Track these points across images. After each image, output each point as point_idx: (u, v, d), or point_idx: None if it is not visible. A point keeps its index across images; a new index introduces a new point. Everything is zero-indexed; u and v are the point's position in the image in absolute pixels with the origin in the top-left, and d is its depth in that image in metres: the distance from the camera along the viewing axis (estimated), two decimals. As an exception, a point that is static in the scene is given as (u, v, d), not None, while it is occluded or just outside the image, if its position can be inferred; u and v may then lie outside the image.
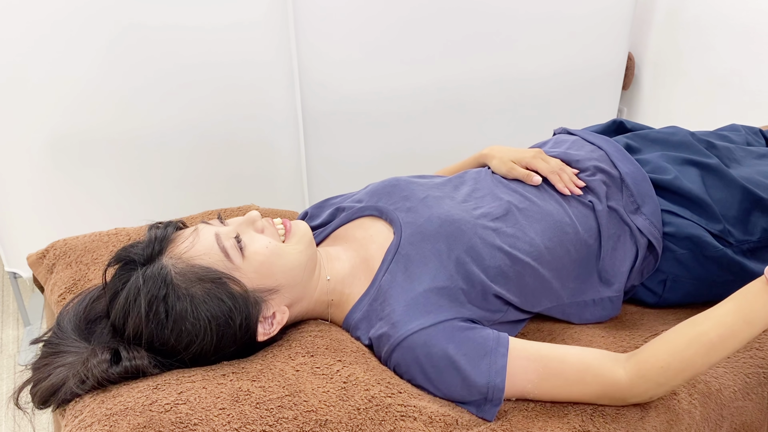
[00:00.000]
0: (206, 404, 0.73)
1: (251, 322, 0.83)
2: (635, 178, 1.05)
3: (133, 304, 0.78)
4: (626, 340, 0.97)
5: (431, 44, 1.97)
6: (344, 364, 0.83)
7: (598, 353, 0.83)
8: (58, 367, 0.78)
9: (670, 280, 1.04)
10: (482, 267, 0.90)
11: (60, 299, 1.01)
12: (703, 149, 1.11)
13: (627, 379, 0.80)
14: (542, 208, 0.99)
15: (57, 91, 1.62)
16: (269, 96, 1.83)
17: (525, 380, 0.81)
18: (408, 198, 0.99)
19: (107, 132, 1.71)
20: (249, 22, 1.72)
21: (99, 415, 0.72)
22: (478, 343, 0.82)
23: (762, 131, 1.31)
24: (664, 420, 0.83)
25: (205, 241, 0.82)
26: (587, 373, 0.81)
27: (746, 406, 0.90)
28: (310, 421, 0.73)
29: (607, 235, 1.00)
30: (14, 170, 1.69)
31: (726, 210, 1.04)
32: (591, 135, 1.16)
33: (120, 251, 0.83)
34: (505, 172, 1.06)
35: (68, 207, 1.77)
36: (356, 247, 0.97)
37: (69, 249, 1.10)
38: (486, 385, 0.80)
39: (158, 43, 1.66)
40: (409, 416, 0.77)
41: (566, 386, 0.81)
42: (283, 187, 2.00)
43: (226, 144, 1.86)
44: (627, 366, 0.81)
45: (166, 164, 1.82)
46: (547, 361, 0.82)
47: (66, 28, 1.56)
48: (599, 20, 2.16)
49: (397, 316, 0.85)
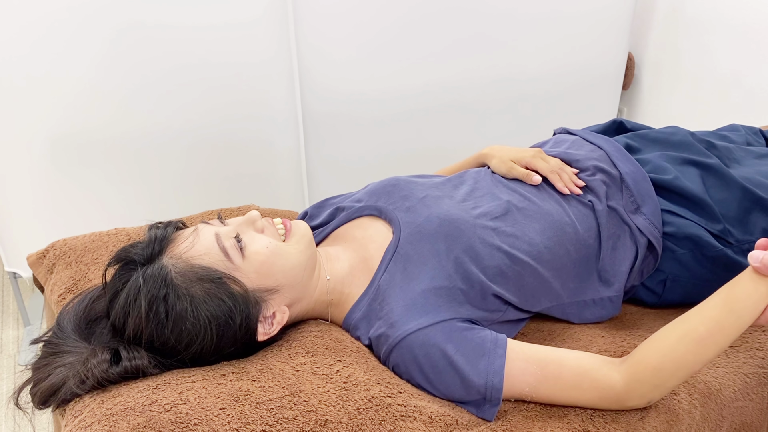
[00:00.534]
0: (206, 404, 0.73)
1: (251, 321, 0.83)
2: (635, 177, 1.05)
3: (133, 304, 0.78)
4: (626, 340, 0.97)
5: (431, 44, 1.97)
6: (344, 364, 0.83)
7: (596, 358, 0.83)
8: (58, 367, 0.78)
9: (670, 280, 1.04)
10: (481, 267, 0.90)
11: (60, 299, 1.01)
12: (703, 149, 1.11)
13: (623, 384, 0.80)
14: (542, 207, 0.99)
15: (57, 90, 1.62)
16: (269, 96, 1.83)
17: (523, 382, 0.81)
18: (407, 197, 0.99)
19: (107, 132, 1.71)
20: (249, 21, 1.72)
21: (99, 415, 0.72)
22: (476, 344, 0.82)
23: (762, 131, 1.31)
24: (664, 420, 0.83)
25: (205, 240, 0.82)
26: (584, 378, 0.81)
27: (746, 406, 0.90)
28: (310, 421, 0.73)
29: (606, 234, 1.00)
30: (14, 170, 1.69)
31: (726, 210, 1.04)
32: (591, 135, 1.16)
33: (120, 251, 0.83)
34: (505, 172, 1.06)
35: (68, 207, 1.77)
36: (355, 246, 0.97)
37: (69, 249, 1.10)
38: (484, 386, 0.80)
39: (158, 42, 1.66)
40: (409, 416, 0.77)
41: (564, 390, 0.81)
42: (283, 187, 2.00)
43: (226, 144, 1.86)
44: (621, 370, 0.81)
45: (166, 164, 1.82)
46: (544, 365, 0.82)
47: (65, 27, 1.56)
48: (599, 20, 2.16)
49: (395, 316, 0.85)
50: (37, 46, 1.56)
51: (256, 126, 1.86)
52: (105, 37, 1.60)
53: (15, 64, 1.56)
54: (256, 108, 1.84)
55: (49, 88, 1.61)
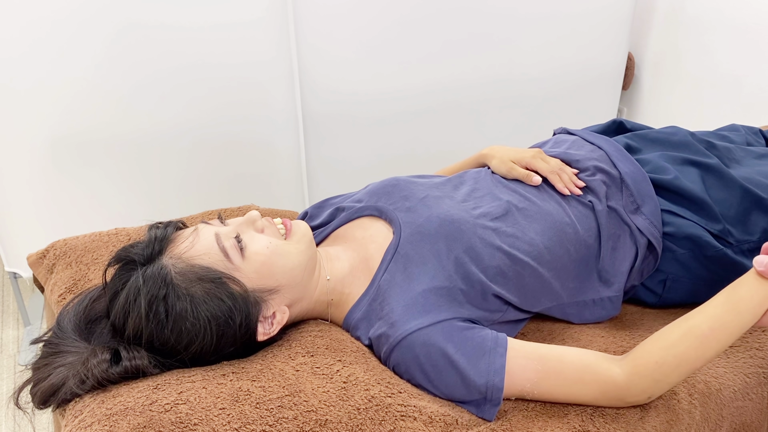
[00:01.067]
0: (206, 404, 0.73)
1: (251, 321, 0.83)
2: (635, 177, 1.05)
3: (133, 303, 0.78)
4: (626, 340, 0.97)
5: (431, 44, 1.97)
6: (344, 363, 0.83)
7: (596, 354, 0.83)
8: (58, 367, 0.78)
9: (670, 280, 1.04)
10: (481, 267, 0.90)
11: (60, 299, 1.01)
12: (703, 149, 1.11)
13: (624, 378, 0.80)
14: (542, 208, 0.99)
15: (57, 90, 1.62)
16: (269, 96, 1.83)
17: (524, 379, 0.81)
18: (407, 198, 0.99)
19: (107, 132, 1.71)
20: (249, 21, 1.72)
21: (99, 415, 0.72)
22: (476, 343, 0.82)
23: (762, 131, 1.31)
24: (664, 420, 0.83)
25: (205, 240, 0.82)
26: (585, 372, 0.81)
27: (746, 406, 0.90)
28: (310, 421, 0.73)
29: (606, 234, 1.00)
30: (14, 170, 1.69)
31: (726, 210, 1.04)
32: (591, 135, 1.16)
33: (120, 251, 0.83)
34: (505, 172, 1.06)
35: (68, 207, 1.77)
36: (356, 247, 0.97)
37: (69, 249, 1.10)
38: (485, 385, 0.80)
39: (158, 43, 1.66)
40: (409, 416, 0.77)
41: (565, 386, 0.81)
42: (283, 188, 2.00)
43: (226, 144, 1.86)
44: (623, 364, 0.81)
45: (166, 164, 1.82)
46: (545, 361, 0.82)
47: (65, 27, 1.56)
48: (599, 20, 2.16)
49: (396, 315, 0.85)
50: (38, 47, 1.56)
51: (256, 126, 1.86)
52: (105, 37, 1.61)
53: (15, 64, 1.56)
54: (257, 108, 1.84)
55: (49, 88, 1.61)
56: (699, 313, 0.81)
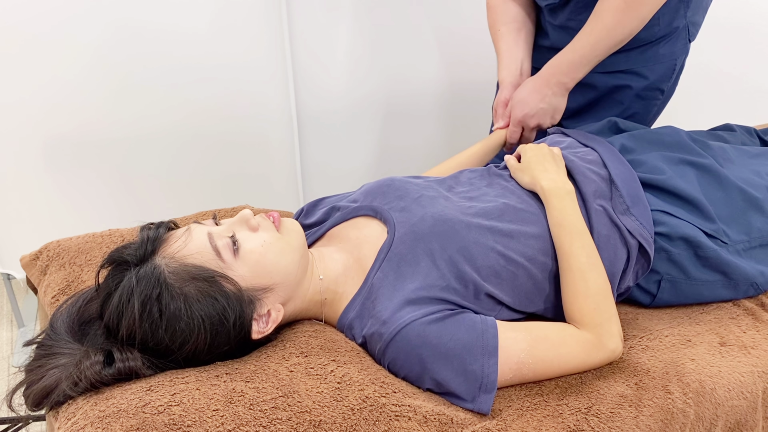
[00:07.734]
0: (200, 405, 0.73)
1: (245, 320, 0.83)
2: (625, 179, 1.05)
3: (127, 304, 0.78)
4: (621, 339, 0.97)
5: (427, 44, 1.97)
6: (338, 364, 0.83)
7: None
8: (51, 369, 0.78)
9: (664, 280, 1.04)
10: (475, 266, 0.90)
11: (53, 301, 1.00)
12: (698, 149, 1.11)
13: (589, 333, 0.88)
14: (536, 209, 0.99)
15: (50, 91, 1.62)
16: (264, 96, 1.83)
17: (517, 349, 0.84)
18: (402, 197, 0.99)
19: (100, 133, 1.71)
20: (243, 21, 1.71)
21: (92, 418, 0.72)
22: (467, 326, 0.83)
23: (756, 131, 1.31)
24: (659, 419, 0.83)
25: (198, 240, 0.82)
26: (565, 335, 0.88)
27: (740, 405, 0.90)
28: (304, 422, 0.73)
29: (598, 236, 1.00)
30: (7, 171, 1.68)
31: (721, 210, 1.04)
32: (584, 136, 1.16)
33: (112, 252, 0.83)
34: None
35: (62, 208, 1.76)
36: (350, 247, 0.97)
37: (62, 250, 1.10)
38: (480, 368, 0.81)
39: (151, 43, 1.65)
40: (403, 416, 0.77)
41: (553, 348, 0.86)
42: (278, 187, 2.00)
43: (221, 144, 1.86)
44: (581, 328, 0.90)
45: (160, 165, 1.82)
46: (530, 329, 0.87)
47: (58, 27, 1.56)
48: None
49: (388, 313, 0.85)
50: (30, 47, 1.56)
51: (250, 126, 1.86)
52: (98, 37, 1.60)
53: (8, 64, 1.56)
54: (251, 108, 1.83)
55: (42, 88, 1.61)
56: (567, 258, 0.93)
